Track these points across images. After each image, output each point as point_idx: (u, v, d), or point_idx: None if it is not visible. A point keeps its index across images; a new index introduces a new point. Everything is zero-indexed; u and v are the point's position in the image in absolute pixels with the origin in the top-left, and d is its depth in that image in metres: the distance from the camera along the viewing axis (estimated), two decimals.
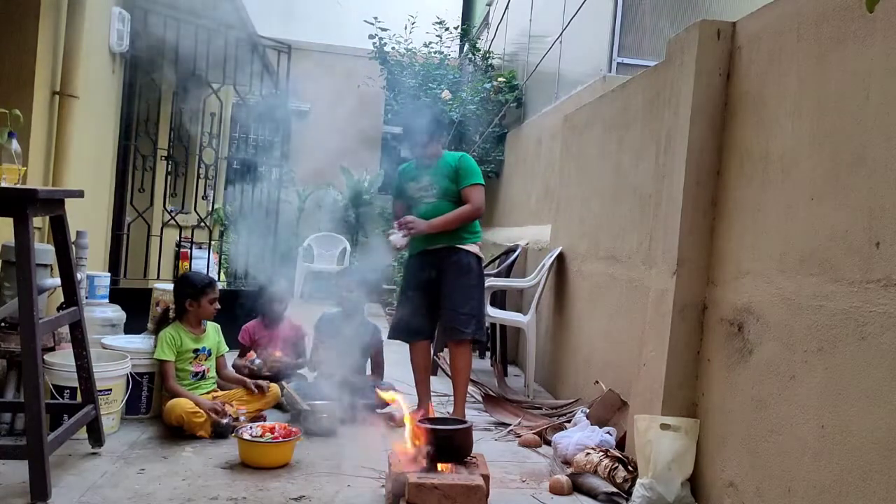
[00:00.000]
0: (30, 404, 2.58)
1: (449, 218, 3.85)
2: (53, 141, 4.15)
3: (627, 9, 5.59)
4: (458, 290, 3.84)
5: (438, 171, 3.95)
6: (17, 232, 2.61)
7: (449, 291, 3.85)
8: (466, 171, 3.93)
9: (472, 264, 3.91)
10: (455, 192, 3.91)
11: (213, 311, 3.82)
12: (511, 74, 8.55)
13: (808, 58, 2.47)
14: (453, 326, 3.83)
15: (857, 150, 2.19)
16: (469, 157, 4.05)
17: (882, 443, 1.99)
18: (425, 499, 2.59)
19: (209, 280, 3.90)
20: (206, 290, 3.78)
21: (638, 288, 3.65)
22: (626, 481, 3.02)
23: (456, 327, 3.82)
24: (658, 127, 3.46)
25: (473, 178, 3.94)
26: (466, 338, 3.84)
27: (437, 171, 3.95)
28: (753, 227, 2.71)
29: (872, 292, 2.07)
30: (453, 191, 3.91)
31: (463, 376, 3.93)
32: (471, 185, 3.91)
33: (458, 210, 3.87)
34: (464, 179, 3.92)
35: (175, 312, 3.79)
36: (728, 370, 2.79)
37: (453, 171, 3.93)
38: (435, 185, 3.94)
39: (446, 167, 3.95)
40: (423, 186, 3.97)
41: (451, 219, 3.85)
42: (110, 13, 4.77)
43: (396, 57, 9.27)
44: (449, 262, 3.87)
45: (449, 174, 3.93)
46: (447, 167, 3.95)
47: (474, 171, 3.96)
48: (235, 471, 3.10)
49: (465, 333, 3.81)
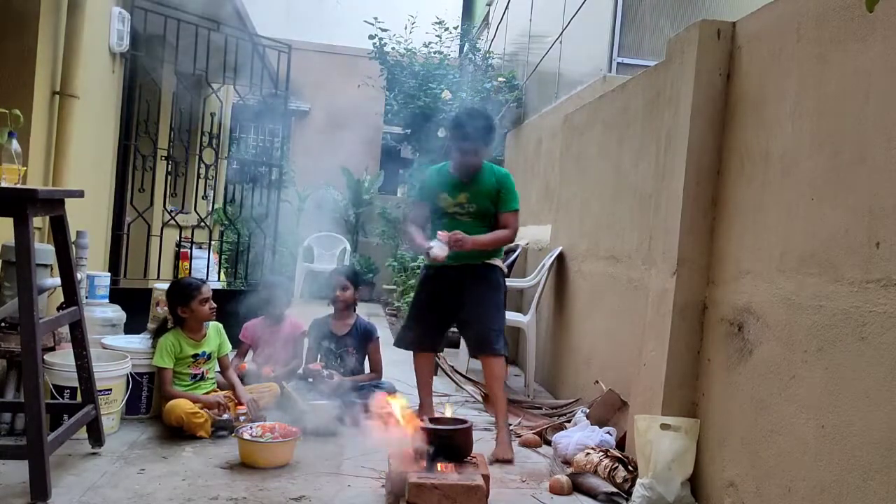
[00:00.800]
0: (30, 404, 2.58)
1: (489, 240, 3.67)
2: (53, 141, 4.15)
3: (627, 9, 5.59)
4: (489, 307, 3.71)
5: (479, 188, 3.70)
6: (17, 232, 2.61)
7: (479, 307, 3.71)
8: (509, 194, 3.72)
9: (500, 281, 3.81)
10: (492, 214, 3.72)
11: (209, 312, 3.76)
12: (511, 74, 8.55)
13: (808, 58, 2.47)
14: (486, 342, 3.68)
15: (857, 150, 2.19)
16: (511, 178, 3.80)
17: (882, 443, 1.99)
18: (425, 499, 2.59)
19: (196, 283, 3.83)
20: (193, 294, 3.71)
21: (638, 288, 3.65)
22: (626, 481, 3.02)
23: (489, 343, 3.67)
24: (658, 127, 3.46)
25: (515, 202, 3.74)
26: (499, 353, 3.69)
27: (477, 189, 3.70)
28: (753, 227, 2.71)
29: (872, 292, 2.07)
30: (491, 213, 3.72)
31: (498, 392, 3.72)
32: (511, 212, 3.73)
33: (498, 234, 3.70)
34: (505, 203, 3.71)
35: (173, 322, 3.78)
36: (728, 370, 2.79)
37: (495, 191, 3.70)
38: (473, 204, 3.70)
39: (488, 185, 3.70)
40: (460, 203, 3.71)
41: (490, 241, 3.68)
42: (110, 13, 4.77)
43: (396, 57, 9.27)
44: (477, 277, 3.73)
45: (490, 194, 3.70)
46: (489, 186, 3.70)
47: (516, 196, 3.76)
48: (235, 471, 3.10)
49: (496, 350, 3.67)
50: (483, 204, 3.70)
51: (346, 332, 4.35)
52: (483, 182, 3.71)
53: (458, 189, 3.72)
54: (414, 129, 8.96)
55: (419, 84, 8.92)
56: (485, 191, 3.70)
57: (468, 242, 3.58)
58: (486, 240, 3.66)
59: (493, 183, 3.71)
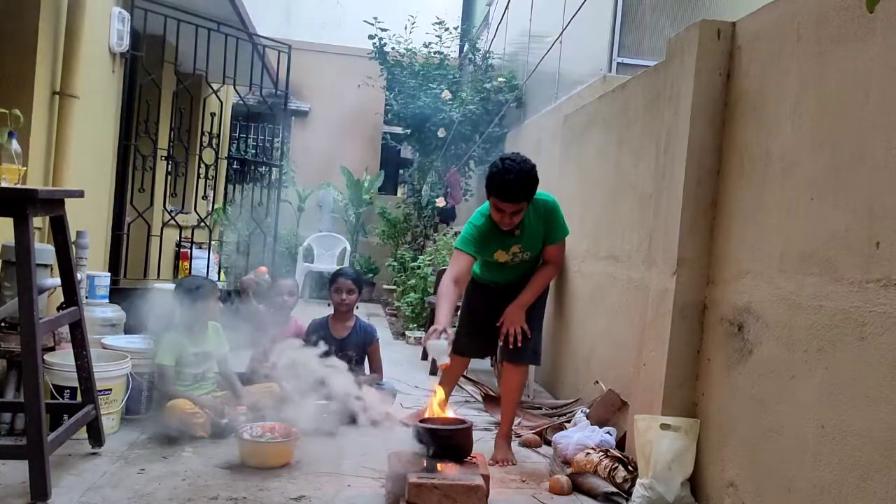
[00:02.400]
0: (30, 404, 2.58)
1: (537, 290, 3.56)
2: (53, 141, 4.15)
3: (627, 8, 5.58)
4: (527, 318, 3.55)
5: (530, 234, 3.48)
6: (17, 232, 2.61)
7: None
8: (557, 225, 3.54)
9: (544, 296, 3.71)
10: (542, 248, 3.57)
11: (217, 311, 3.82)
12: (511, 74, 8.55)
13: (808, 58, 2.47)
14: (513, 349, 3.54)
15: (857, 150, 2.19)
16: (556, 207, 3.53)
17: (882, 443, 1.99)
18: (425, 499, 2.59)
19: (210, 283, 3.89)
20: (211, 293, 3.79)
21: (638, 288, 3.65)
22: (626, 481, 3.02)
23: (515, 350, 3.54)
24: (658, 127, 3.46)
25: (563, 232, 3.59)
26: (523, 363, 3.60)
27: (529, 235, 3.48)
28: (753, 227, 2.71)
29: (872, 292, 2.07)
30: (541, 249, 3.57)
31: (511, 397, 3.61)
32: (558, 243, 3.59)
33: (543, 278, 3.59)
34: (553, 235, 3.54)
35: None
36: (728, 370, 2.79)
37: (543, 226, 3.48)
38: (527, 252, 3.53)
39: (537, 228, 3.48)
40: (514, 253, 3.52)
41: (539, 289, 3.58)
42: (110, 13, 4.77)
43: (396, 57, 9.27)
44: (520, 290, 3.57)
45: (539, 232, 3.48)
46: (537, 228, 3.48)
47: (563, 225, 3.57)
48: (235, 471, 3.10)
49: (522, 359, 3.58)
50: (536, 247, 3.55)
51: (345, 335, 4.34)
52: (530, 227, 3.48)
53: (510, 241, 3.49)
54: (414, 129, 8.97)
55: (419, 84, 8.92)
56: (535, 236, 3.51)
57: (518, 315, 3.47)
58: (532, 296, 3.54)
59: (541, 224, 3.49)
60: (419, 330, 6.51)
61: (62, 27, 4.13)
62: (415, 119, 8.81)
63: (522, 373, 3.65)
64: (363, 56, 9.67)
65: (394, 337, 6.76)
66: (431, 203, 8.75)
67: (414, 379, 4.94)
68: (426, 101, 8.62)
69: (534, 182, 3.30)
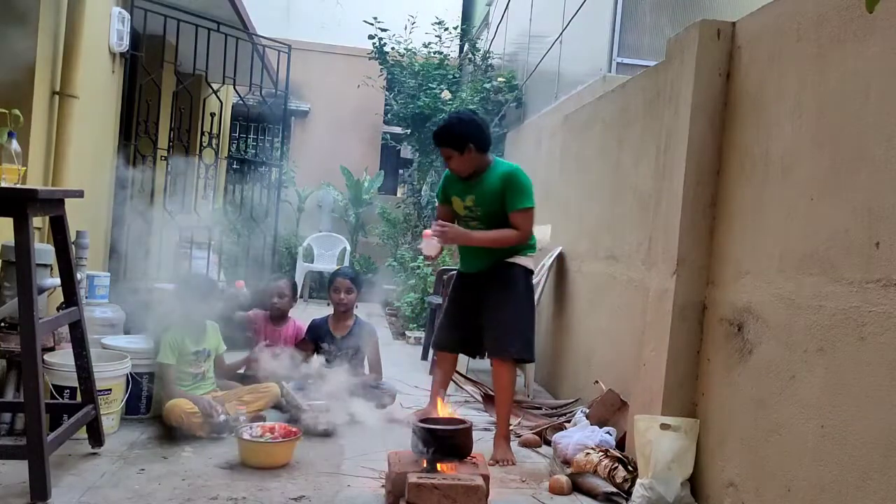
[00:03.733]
0: (30, 404, 2.58)
1: (488, 238, 3.50)
2: (53, 141, 4.15)
3: (627, 8, 5.59)
4: (501, 304, 3.51)
5: (484, 189, 3.49)
6: (17, 232, 2.61)
7: (492, 304, 3.53)
8: (514, 192, 3.44)
9: (517, 276, 3.56)
10: (503, 215, 3.47)
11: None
12: (511, 74, 8.55)
13: (808, 58, 2.47)
14: (495, 343, 3.52)
15: (857, 150, 2.19)
16: (519, 173, 3.51)
17: (882, 443, 1.99)
18: (425, 499, 2.59)
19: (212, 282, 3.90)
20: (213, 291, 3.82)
21: (638, 288, 3.65)
22: (625, 481, 3.02)
23: (498, 344, 3.51)
24: (658, 126, 3.46)
25: (522, 200, 3.46)
26: (507, 357, 3.52)
27: (482, 190, 3.49)
28: (753, 227, 2.71)
29: (872, 292, 2.07)
30: (500, 215, 3.48)
31: (503, 397, 3.54)
32: (518, 211, 3.45)
33: (502, 233, 3.47)
34: (511, 203, 3.45)
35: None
36: (728, 370, 2.79)
37: (500, 186, 3.45)
38: (479, 208, 3.52)
39: (493, 185, 3.47)
40: (468, 206, 3.55)
41: (492, 238, 3.49)
42: (110, 13, 4.77)
43: (396, 57, 9.27)
44: (493, 279, 3.55)
45: (495, 195, 3.46)
46: (494, 186, 3.47)
47: (523, 192, 3.46)
48: (235, 471, 3.10)
49: (506, 352, 3.50)
50: (490, 207, 3.50)
51: (345, 334, 4.35)
52: (487, 183, 3.50)
53: (465, 191, 3.57)
54: (414, 129, 8.97)
55: (419, 84, 8.92)
56: (489, 192, 3.48)
57: (459, 236, 3.54)
58: (483, 237, 3.51)
59: (497, 183, 3.47)
60: (419, 330, 6.52)
61: (62, 27, 4.13)
62: (415, 119, 8.81)
63: (509, 369, 3.55)
64: (363, 56, 9.67)
65: (394, 337, 6.78)
66: (431, 203, 8.75)
67: (414, 379, 4.94)
68: (426, 102, 8.62)
69: (457, 133, 3.46)
